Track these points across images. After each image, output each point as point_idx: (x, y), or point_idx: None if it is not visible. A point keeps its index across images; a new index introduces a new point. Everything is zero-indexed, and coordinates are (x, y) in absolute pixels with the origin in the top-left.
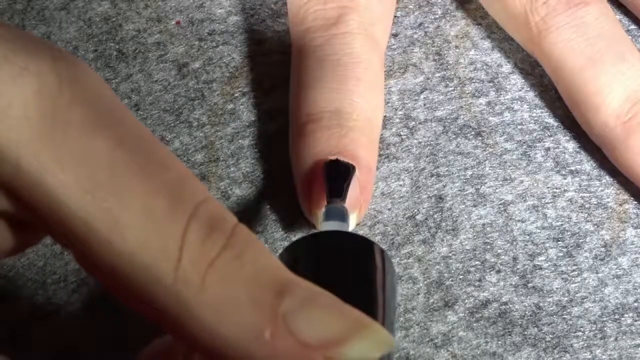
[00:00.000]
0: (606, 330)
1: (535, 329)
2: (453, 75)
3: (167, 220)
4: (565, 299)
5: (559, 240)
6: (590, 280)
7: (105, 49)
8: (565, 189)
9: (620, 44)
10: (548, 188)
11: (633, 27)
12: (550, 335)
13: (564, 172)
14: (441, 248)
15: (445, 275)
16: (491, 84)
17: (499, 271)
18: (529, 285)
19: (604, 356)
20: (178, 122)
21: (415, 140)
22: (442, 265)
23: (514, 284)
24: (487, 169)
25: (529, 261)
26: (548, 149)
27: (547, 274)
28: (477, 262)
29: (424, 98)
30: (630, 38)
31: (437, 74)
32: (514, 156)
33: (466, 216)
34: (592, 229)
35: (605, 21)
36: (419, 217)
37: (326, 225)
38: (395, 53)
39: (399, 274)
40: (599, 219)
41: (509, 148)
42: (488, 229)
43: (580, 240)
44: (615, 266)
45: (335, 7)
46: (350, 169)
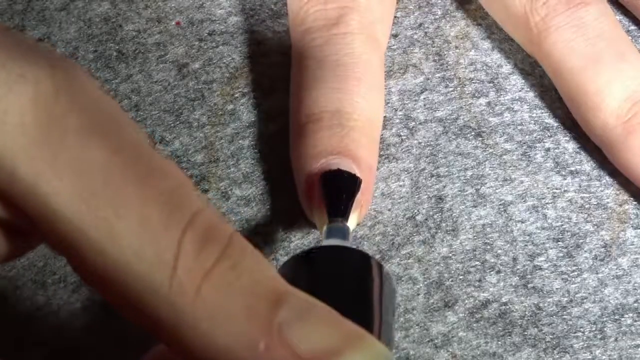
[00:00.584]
0: (606, 330)
1: (535, 329)
2: (453, 76)
3: (163, 230)
4: (565, 299)
5: (559, 241)
6: (590, 280)
7: (105, 50)
8: (565, 189)
9: (620, 44)
10: (548, 188)
11: (633, 27)
12: (550, 336)
13: (564, 173)
14: (441, 248)
15: (445, 275)
16: (491, 85)
17: (499, 271)
18: (529, 285)
19: (604, 356)
20: (178, 123)
21: (415, 141)
22: (442, 265)
23: (514, 284)
24: (487, 169)
25: (529, 261)
26: (548, 150)
27: (547, 275)
28: (477, 263)
29: (424, 98)
30: (630, 38)
31: (437, 75)
32: (514, 157)
33: (466, 217)
34: (592, 229)
35: (605, 21)
36: (419, 218)
37: (327, 243)
38: (395, 53)
39: (398, 274)
40: (599, 220)
41: (509, 148)
42: (488, 229)
43: (580, 241)
44: (615, 266)
45: (336, 8)
46: (355, 182)
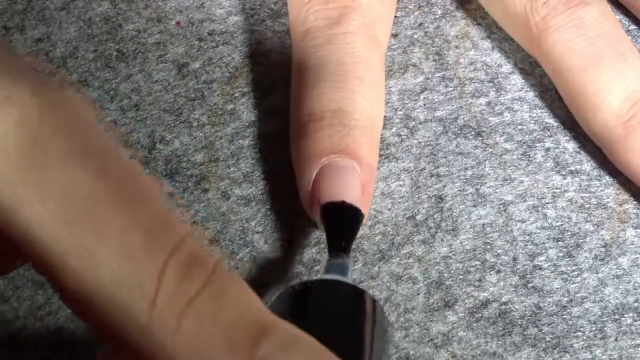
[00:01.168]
0: (606, 330)
1: (535, 329)
2: (453, 76)
3: (145, 257)
4: (565, 299)
5: (559, 241)
6: (590, 280)
7: (105, 49)
8: (565, 189)
9: (620, 44)
10: (548, 188)
11: (633, 27)
12: (550, 336)
13: (564, 172)
14: (441, 248)
15: (445, 275)
16: (491, 84)
17: (499, 271)
18: (529, 285)
19: (604, 356)
20: (178, 122)
21: (415, 141)
22: (442, 265)
23: (514, 284)
24: (487, 169)
25: (529, 261)
26: (548, 149)
27: (547, 274)
28: (477, 262)
29: (424, 98)
30: (630, 38)
31: (437, 74)
32: (514, 156)
33: (466, 216)
34: (592, 229)
35: (605, 21)
36: (419, 217)
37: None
38: (395, 53)
39: (398, 274)
40: (599, 219)
41: (509, 148)
42: (488, 229)
43: (580, 241)
44: (615, 266)
45: (337, 7)
46: (357, 217)
